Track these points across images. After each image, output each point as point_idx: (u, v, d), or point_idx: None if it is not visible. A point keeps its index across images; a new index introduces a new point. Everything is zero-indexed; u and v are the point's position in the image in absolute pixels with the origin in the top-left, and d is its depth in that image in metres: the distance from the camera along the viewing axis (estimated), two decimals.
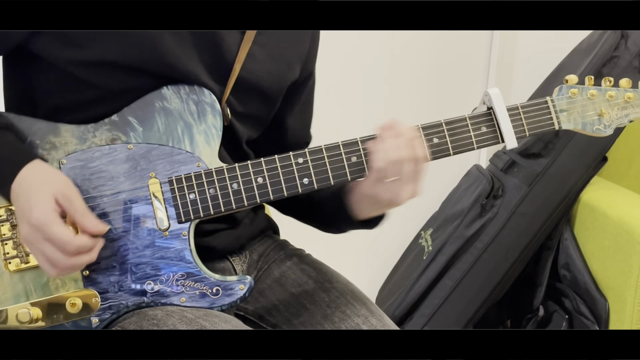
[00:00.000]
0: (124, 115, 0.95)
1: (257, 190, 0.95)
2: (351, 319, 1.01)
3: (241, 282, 0.95)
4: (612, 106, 1.04)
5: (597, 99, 1.04)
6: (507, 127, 1.00)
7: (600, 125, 1.04)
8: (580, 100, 1.03)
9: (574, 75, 1.05)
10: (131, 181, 0.94)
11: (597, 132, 1.04)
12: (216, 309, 0.94)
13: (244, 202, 0.95)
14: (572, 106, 1.03)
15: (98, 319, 0.94)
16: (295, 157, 0.96)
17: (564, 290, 1.78)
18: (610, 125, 1.04)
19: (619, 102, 1.04)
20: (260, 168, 0.95)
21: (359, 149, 0.96)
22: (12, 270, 0.93)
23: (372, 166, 0.95)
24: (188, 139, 0.96)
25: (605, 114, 1.04)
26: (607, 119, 1.04)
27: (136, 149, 0.95)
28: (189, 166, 0.95)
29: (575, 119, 1.03)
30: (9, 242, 0.94)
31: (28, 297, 0.93)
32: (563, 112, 1.03)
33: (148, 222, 0.94)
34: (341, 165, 0.96)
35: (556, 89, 1.04)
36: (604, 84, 1.05)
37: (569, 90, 1.03)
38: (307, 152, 0.96)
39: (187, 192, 0.94)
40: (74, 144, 0.95)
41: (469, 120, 1.00)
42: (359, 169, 0.97)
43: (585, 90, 1.04)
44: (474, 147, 1.00)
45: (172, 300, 0.94)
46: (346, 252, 2.25)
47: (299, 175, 0.96)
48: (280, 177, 0.95)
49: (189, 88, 0.96)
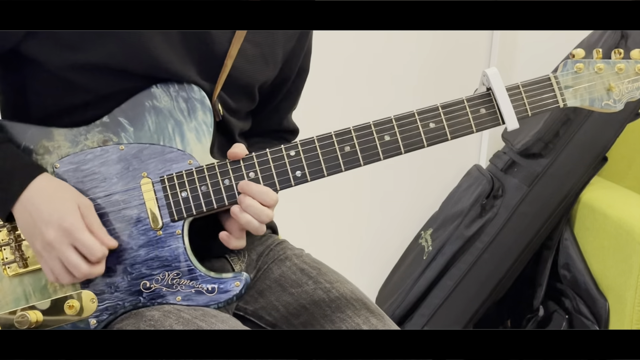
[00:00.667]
0: (115, 116, 0.96)
1: None
2: (351, 319, 1.01)
3: (237, 279, 0.95)
4: (621, 79, 0.98)
5: (605, 73, 0.98)
6: (507, 107, 0.96)
7: (610, 100, 0.99)
8: (587, 75, 0.98)
9: (580, 49, 1.00)
10: (124, 182, 0.95)
11: (606, 107, 0.99)
12: (212, 307, 0.94)
13: (237, 198, 0.95)
14: (578, 82, 0.98)
15: (96, 320, 0.94)
16: (287, 149, 0.95)
17: (564, 290, 1.78)
18: (620, 100, 0.99)
19: (630, 74, 0.99)
20: (251, 162, 0.95)
21: (352, 138, 0.95)
22: (10, 275, 0.94)
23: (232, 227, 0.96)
24: (179, 136, 0.96)
25: (615, 89, 0.98)
26: (617, 94, 0.98)
27: (128, 149, 0.95)
28: (180, 164, 0.95)
29: (582, 95, 0.98)
30: (6, 248, 0.94)
31: (27, 301, 0.94)
32: (568, 89, 0.98)
33: (142, 222, 0.94)
34: (334, 156, 0.95)
35: (560, 64, 1.00)
36: (614, 56, 0.99)
37: (575, 65, 0.98)
38: (299, 143, 0.95)
39: (179, 190, 0.94)
40: (67, 147, 0.95)
41: (467, 102, 0.97)
42: (353, 158, 0.95)
43: (592, 64, 0.99)
44: (473, 130, 0.97)
45: (169, 299, 0.94)
46: (346, 252, 2.26)
47: (291, 168, 0.95)
48: (273, 171, 0.95)
49: (178, 86, 0.96)
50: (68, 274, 0.90)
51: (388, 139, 0.95)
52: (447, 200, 2.12)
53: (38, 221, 0.88)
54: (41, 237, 0.88)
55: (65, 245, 0.88)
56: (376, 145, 0.95)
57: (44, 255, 0.90)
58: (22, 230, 0.91)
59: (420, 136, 0.96)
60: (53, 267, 0.90)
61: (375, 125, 0.95)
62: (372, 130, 0.95)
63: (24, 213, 0.89)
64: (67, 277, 0.90)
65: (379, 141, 0.95)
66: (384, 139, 0.95)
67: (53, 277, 0.91)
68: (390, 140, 0.95)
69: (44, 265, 0.91)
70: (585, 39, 1.90)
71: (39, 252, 0.90)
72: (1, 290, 0.94)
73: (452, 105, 0.97)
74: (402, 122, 0.96)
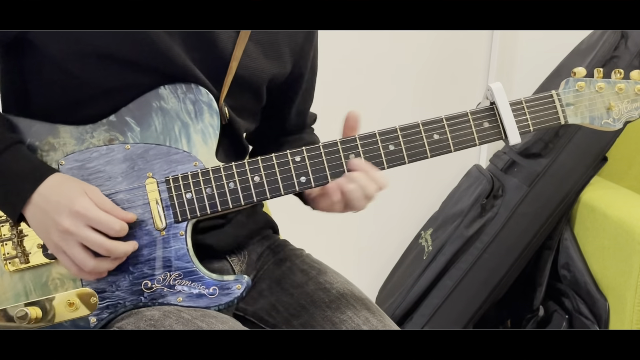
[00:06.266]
0: (122, 115, 0.96)
1: (254, 189, 0.95)
2: (352, 319, 1.01)
3: (238, 281, 0.95)
4: (621, 99, 1.01)
5: (606, 92, 1.01)
6: (510, 122, 0.98)
7: (609, 119, 1.01)
8: (588, 93, 1.01)
9: (582, 68, 1.02)
10: (129, 181, 0.94)
11: (605, 126, 1.02)
12: (213, 309, 0.94)
13: (241, 202, 0.95)
14: (579, 100, 1.01)
15: (96, 319, 0.94)
16: (292, 155, 0.96)
17: (564, 290, 1.78)
18: (619, 119, 1.01)
19: (629, 94, 1.01)
20: (257, 166, 0.95)
21: (357, 146, 0.96)
22: (11, 271, 0.94)
23: (334, 199, 0.96)
24: (185, 138, 0.96)
25: (614, 107, 1.01)
26: (617, 113, 1.01)
27: (134, 149, 0.95)
28: (185, 165, 0.95)
29: (582, 112, 1.01)
30: (8, 243, 0.94)
31: (28, 297, 0.94)
32: (570, 106, 1.00)
33: (145, 222, 0.94)
34: (339, 163, 0.96)
35: (563, 82, 1.02)
36: (614, 76, 1.02)
37: (576, 84, 1.01)
38: (305, 150, 0.96)
39: (183, 191, 0.94)
40: (72, 145, 0.95)
41: (471, 116, 0.99)
42: None
43: (593, 83, 1.01)
44: (476, 143, 0.99)
45: (170, 299, 0.94)
46: (346, 252, 2.26)
47: (296, 173, 0.96)
48: (277, 176, 0.95)
49: (186, 87, 0.96)
50: (92, 258, 0.89)
51: (392, 149, 0.97)
52: (447, 200, 2.12)
53: (50, 214, 0.88)
54: (56, 228, 0.88)
55: (82, 227, 0.88)
56: (380, 154, 0.97)
57: (62, 247, 0.89)
58: (36, 230, 0.91)
59: (424, 147, 0.98)
60: (74, 255, 0.89)
61: (380, 134, 0.97)
62: (377, 139, 0.97)
63: (36, 212, 0.89)
64: (91, 261, 0.89)
65: (383, 150, 0.97)
66: (388, 149, 0.97)
67: (76, 267, 0.90)
68: (395, 150, 0.97)
69: (64, 259, 0.90)
70: (585, 39, 1.90)
71: (57, 246, 0.89)
72: (1, 285, 0.94)
73: (456, 118, 0.99)
74: (406, 132, 0.97)
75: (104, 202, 0.90)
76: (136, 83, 0.96)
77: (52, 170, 0.92)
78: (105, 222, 0.88)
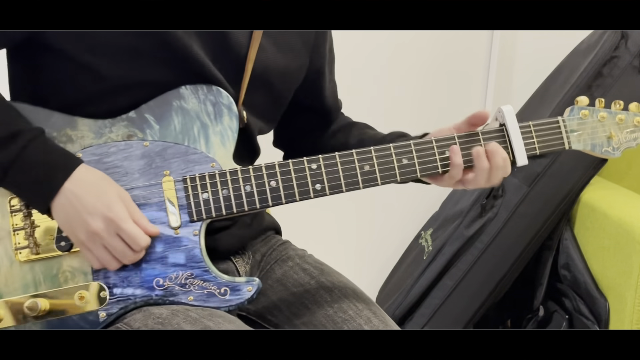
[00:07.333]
0: (141, 112, 0.96)
1: (270, 194, 0.96)
2: (354, 319, 1.01)
3: (249, 283, 0.95)
4: (621, 129, 1.06)
5: (607, 122, 1.06)
6: (519, 145, 1.02)
7: (609, 148, 1.06)
8: (591, 121, 1.05)
9: (584, 96, 1.06)
10: (145, 178, 0.95)
11: (605, 154, 1.06)
12: (223, 310, 0.95)
13: (256, 205, 0.96)
14: (583, 127, 1.05)
15: (106, 314, 0.94)
16: (309, 162, 0.97)
17: (564, 290, 1.78)
18: (619, 148, 1.06)
19: (629, 125, 1.06)
20: (273, 171, 0.96)
21: (372, 157, 0.98)
22: (22, 261, 0.94)
23: (457, 179, 1.00)
24: (204, 139, 0.97)
25: (615, 137, 1.06)
26: (616, 142, 1.06)
27: (152, 146, 0.96)
28: (203, 166, 0.96)
29: (585, 140, 1.05)
30: (20, 233, 0.94)
31: (37, 288, 0.94)
32: (574, 133, 1.04)
33: (160, 220, 0.94)
34: (354, 173, 0.98)
35: (567, 109, 1.06)
36: (614, 107, 1.07)
37: (580, 112, 1.05)
38: (321, 158, 0.97)
39: (200, 191, 0.95)
40: (91, 138, 0.95)
41: (482, 135, 1.02)
42: (371, 177, 0.99)
43: (596, 113, 1.05)
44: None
45: (180, 298, 0.94)
46: (346, 252, 2.26)
47: (311, 180, 0.97)
48: (294, 182, 0.96)
49: (207, 89, 0.97)
50: (115, 261, 0.91)
51: (405, 162, 1.00)
52: (447, 200, 2.12)
53: (82, 212, 0.89)
54: (85, 228, 0.89)
55: (112, 234, 0.89)
56: (394, 167, 0.99)
57: (88, 245, 0.90)
58: (62, 222, 0.91)
59: (436, 162, 1.01)
60: (100, 255, 0.91)
61: (395, 148, 1.00)
62: (391, 152, 0.99)
63: (66, 204, 0.89)
64: (114, 263, 0.92)
65: (397, 163, 1.00)
66: (401, 162, 1.00)
67: (99, 264, 0.92)
68: (408, 164, 1.00)
69: (88, 255, 0.91)
70: (585, 39, 1.90)
71: (83, 242, 0.90)
72: (11, 275, 0.93)
73: (468, 137, 1.02)
74: (420, 147, 1.01)
75: (134, 212, 0.92)
76: (155, 80, 0.96)
77: (80, 160, 0.92)
78: (134, 236, 0.90)
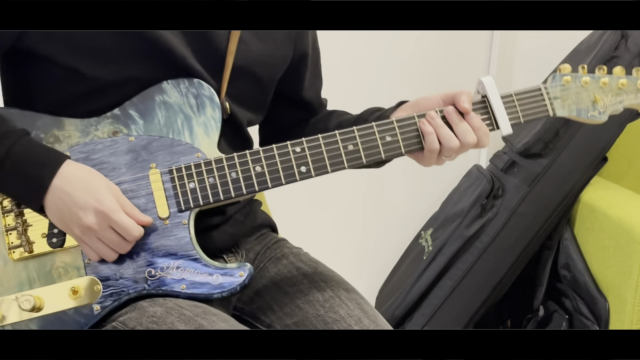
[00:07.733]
0: (125, 109, 0.98)
1: (256, 179, 0.97)
2: (344, 319, 1.01)
3: (241, 268, 0.96)
4: (605, 93, 1.05)
5: (591, 87, 1.05)
6: (502, 114, 1.02)
7: (595, 112, 1.05)
8: (574, 87, 1.05)
9: (567, 64, 1.06)
10: (132, 172, 0.96)
11: (592, 118, 1.06)
12: (216, 296, 0.96)
13: (243, 190, 0.97)
14: (566, 93, 1.05)
15: (100, 306, 0.95)
16: (292, 145, 0.98)
17: (564, 290, 1.78)
18: (604, 112, 1.06)
19: (613, 88, 1.06)
20: (258, 157, 0.97)
21: (355, 137, 0.99)
22: (15, 259, 0.95)
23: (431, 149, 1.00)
24: (188, 130, 0.98)
25: (599, 101, 1.05)
26: (602, 106, 1.05)
27: (137, 140, 0.97)
28: (188, 157, 0.97)
29: (569, 105, 1.05)
30: (13, 232, 0.95)
31: (31, 285, 0.95)
32: (557, 99, 1.04)
33: (149, 211, 0.95)
34: (338, 153, 0.98)
35: (549, 77, 1.06)
36: (597, 72, 1.06)
37: (562, 78, 1.05)
38: (304, 140, 0.98)
39: (186, 181, 0.96)
40: (77, 137, 0.97)
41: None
42: (355, 156, 0.99)
43: (579, 78, 1.05)
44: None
45: (173, 287, 0.95)
46: (346, 252, 2.26)
47: (296, 163, 0.98)
48: (279, 166, 0.97)
49: (188, 82, 0.99)
50: (112, 252, 0.93)
51: (389, 139, 1.00)
52: (447, 201, 2.12)
53: (74, 208, 0.90)
54: (79, 223, 0.90)
55: (105, 227, 0.91)
56: (378, 144, 0.99)
57: (84, 239, 0.92)
58: (55, 219, 0.92)
59: (419, 137, 1.01)
60: (97, 248, 0.93)
61: (378, 126, 1.00)
62: (374, 130, 1.00)
63: (56, 201, 0.90)
64: (112, 254, 0.93)
65: (380, 141, 1.00)
66: (385, 139, 1.00)
67: (97, 256, 0.93)
68: (392, 141, 1.00)
69: (85, 248, 0.93)
70: (585, 39, 1.90)
71: (79, 237, 0.92)
72: (5, 274, 0.95)
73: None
74: (402, 123, 1.00)
75: (125, 204, 0.93)
76: (139, 77, 0.97)
77: (65, 156, 0.93)
78: (127, 227, 0.91)
